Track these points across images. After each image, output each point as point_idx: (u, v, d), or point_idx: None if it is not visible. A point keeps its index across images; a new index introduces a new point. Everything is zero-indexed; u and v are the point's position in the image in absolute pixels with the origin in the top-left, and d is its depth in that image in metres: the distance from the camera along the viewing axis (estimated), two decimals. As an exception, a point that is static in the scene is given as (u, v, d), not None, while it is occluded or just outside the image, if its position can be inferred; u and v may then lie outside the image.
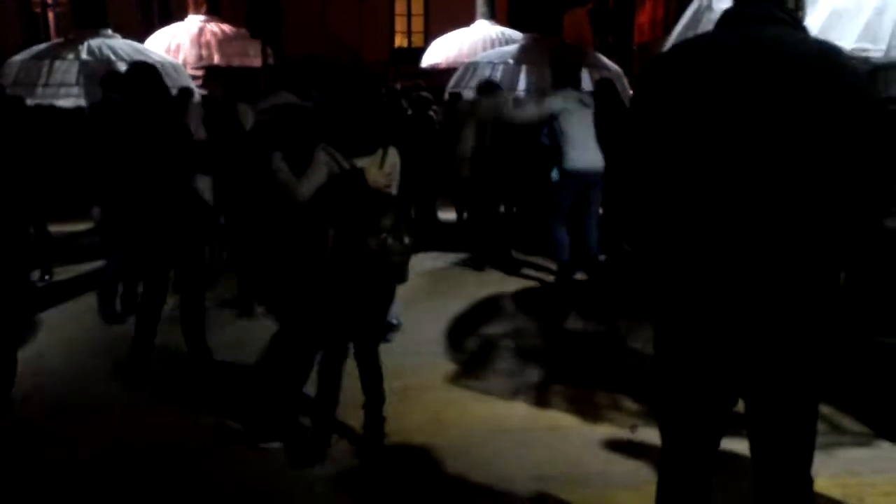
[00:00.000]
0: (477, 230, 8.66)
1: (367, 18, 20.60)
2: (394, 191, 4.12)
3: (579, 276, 7.70)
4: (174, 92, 8.40)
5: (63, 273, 7.94)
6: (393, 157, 4.14)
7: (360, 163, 3.99)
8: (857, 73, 2.25)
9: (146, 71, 5.26)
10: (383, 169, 4.05)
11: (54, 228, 8.27)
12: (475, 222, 8.81)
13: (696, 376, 2.42)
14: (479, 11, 16.83)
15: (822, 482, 3.83)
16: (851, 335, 4.97)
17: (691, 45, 2.39)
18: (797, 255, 2.20)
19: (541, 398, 5.03)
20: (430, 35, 19.48)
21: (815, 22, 4.58)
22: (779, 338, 2.27)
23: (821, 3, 4.61)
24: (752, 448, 2.59)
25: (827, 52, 2.23)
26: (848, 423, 4.51)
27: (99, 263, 7.29)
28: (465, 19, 16.92)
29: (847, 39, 4.46)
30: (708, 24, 5.43)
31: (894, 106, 4.63)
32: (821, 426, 4.35)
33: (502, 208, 9.28)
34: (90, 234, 8.60)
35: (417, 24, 21.76)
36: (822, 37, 4.61)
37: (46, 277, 7.66)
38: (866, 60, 4.67)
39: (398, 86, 12.21)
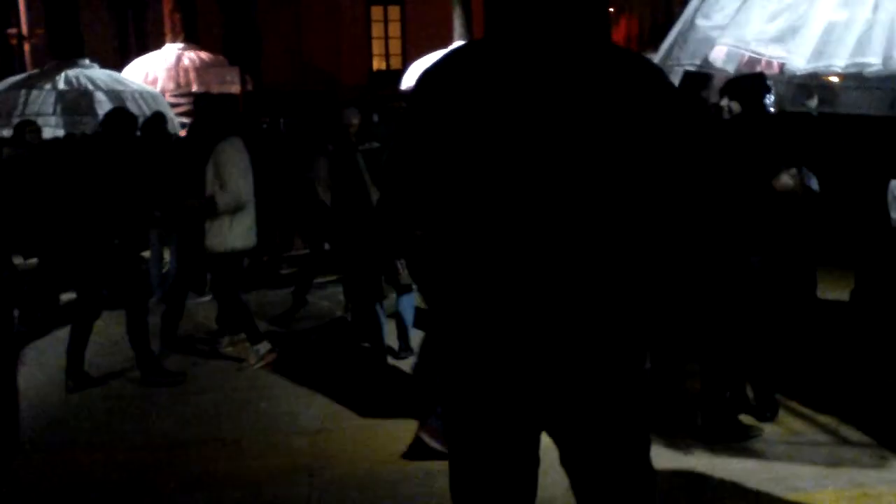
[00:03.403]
0: None
1: (343, 42, 20.62)
2: None
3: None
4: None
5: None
6: None
7: None
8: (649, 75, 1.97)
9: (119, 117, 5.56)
10: None
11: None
12: None
13: (485, 412, 2.04)
14: (457, 33, 16.88)
15: (829, 495, 3.81)
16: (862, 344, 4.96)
17: (458, 59, 2.05)
18: (589, 276, 1.91)
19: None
20: (408, 57, 19.50)
21: (810, 39, 4.58)
22: (573, 365, 1.95)
23: (814, 19, 4.61)
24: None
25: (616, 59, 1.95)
26: (853, 434, 4.45)
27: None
28: (443, 41, 16.94)
29: (841, 56, 4.48)
30: (694, 43, 5.41)
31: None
32: (826, 438, 4.40)
33: None
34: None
35: (395, 46, 21.80)
36: (816, 56, 4.67)
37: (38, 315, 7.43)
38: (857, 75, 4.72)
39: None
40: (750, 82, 4.60)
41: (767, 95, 4.51)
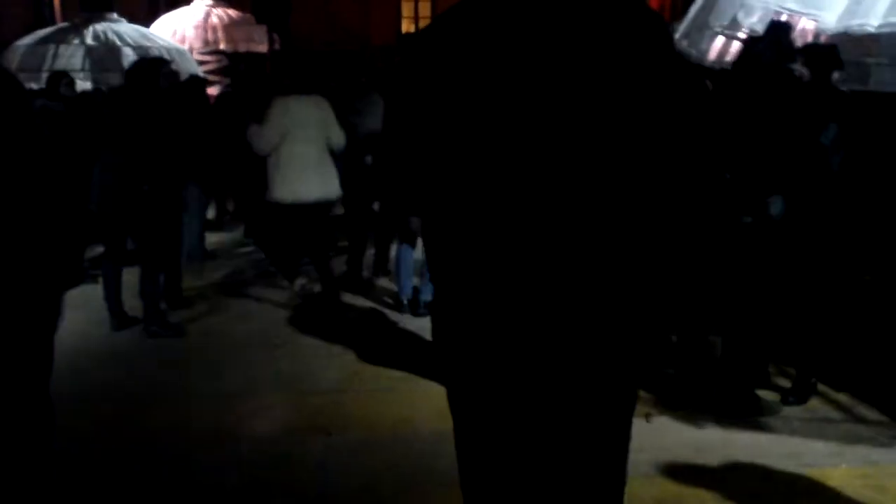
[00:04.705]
0: None
1: (373, 3, 20.46)
2: None
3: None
4: (182, 78, 8.30)
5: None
6: None
7: None
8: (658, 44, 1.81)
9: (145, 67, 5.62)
10: None
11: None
12: None
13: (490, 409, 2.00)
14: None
15: (843, 472, 3.80)
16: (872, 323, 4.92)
17: (455, 20, 1.86)
18: (600, 270, 1.82)
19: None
20: (436, 20, 19.32)
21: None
22: (575, 346, 1.87)
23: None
24: None
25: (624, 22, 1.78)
26: (868, 412, 4.44)
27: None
28: (473, 4, 16.79)
29: (875, 14, 4.36)
30: (724, 6, 5.32)
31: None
32: (840, 416, 4.39)
33: None
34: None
35: (424, 8, 21.57)
36: (849, 14, 4.55)
37: None
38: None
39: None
40: (826, 52, 4.44)
41: (836, 71, 4.37)
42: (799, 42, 5.01)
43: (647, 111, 1.77)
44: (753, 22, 5.45)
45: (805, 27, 5.33)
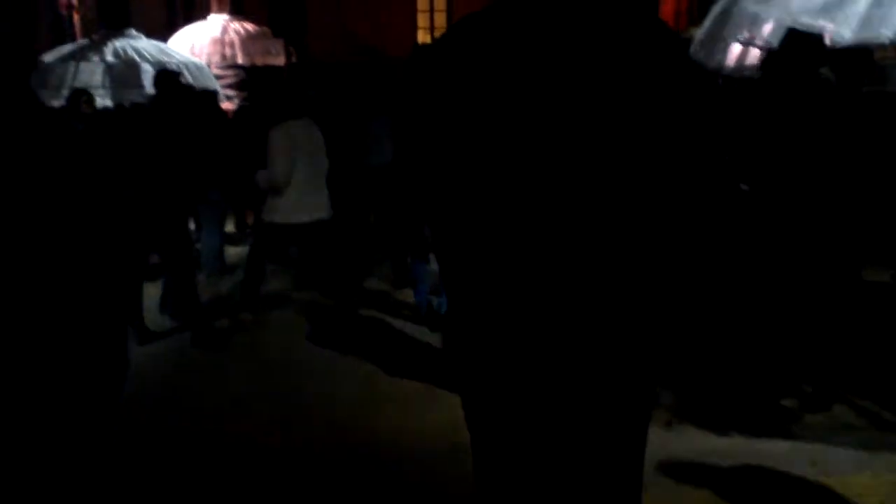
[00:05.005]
0: None
1: (389, 15, 20.53)
2: None
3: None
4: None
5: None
6: None
7: None
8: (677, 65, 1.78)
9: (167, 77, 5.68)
10: None
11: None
12: None
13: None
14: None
15: (867, 479, 3.77)
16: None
17: (470, 30, 1.86)
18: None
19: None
20: (452, 31, 19.33)
21: (858, 8, 4.45)
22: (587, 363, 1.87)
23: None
24: None
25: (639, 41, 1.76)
26: (891, 418, 4.40)
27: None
28: (488, 14, 16.78)
29: (890, 25, 4.33)
30: (738, 18, 5.31)
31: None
32: (863, 422, 4.34)
33: None
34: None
35: (440, 19, 21.62)
36: (862, 27, 4.52)
37: None
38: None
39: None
40: (857, 57, 4.39)
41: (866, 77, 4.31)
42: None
43: (663, 125, 1.75)
44: (767, 35, 5.45)
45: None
